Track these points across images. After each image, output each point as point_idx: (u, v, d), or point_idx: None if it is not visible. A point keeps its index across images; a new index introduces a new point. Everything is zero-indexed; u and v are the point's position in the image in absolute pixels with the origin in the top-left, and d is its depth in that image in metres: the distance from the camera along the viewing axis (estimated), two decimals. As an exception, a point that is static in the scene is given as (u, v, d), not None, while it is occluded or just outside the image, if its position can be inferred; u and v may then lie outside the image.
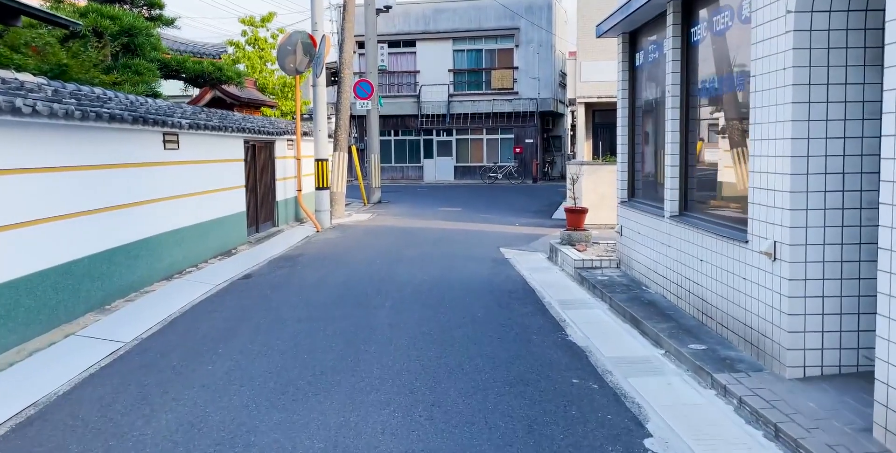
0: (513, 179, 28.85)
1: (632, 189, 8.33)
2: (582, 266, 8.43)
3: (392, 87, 30.73)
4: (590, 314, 6.60)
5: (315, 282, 8.27)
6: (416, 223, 14.53)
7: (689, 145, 6.44)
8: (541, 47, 29.47)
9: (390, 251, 10.66)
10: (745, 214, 5.14)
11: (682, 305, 6.21)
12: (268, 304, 7.10)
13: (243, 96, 14.28)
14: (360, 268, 9.18)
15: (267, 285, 8.13)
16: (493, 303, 7.02)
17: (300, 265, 9.50)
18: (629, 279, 7.71)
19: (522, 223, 14.50)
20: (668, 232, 6.56)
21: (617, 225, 8.48)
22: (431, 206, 18.33)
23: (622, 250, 8.29)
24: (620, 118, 8.38)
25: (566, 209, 9.84)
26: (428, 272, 8.80)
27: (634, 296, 6.88)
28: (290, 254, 10.49)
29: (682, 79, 6.42)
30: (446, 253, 10.44)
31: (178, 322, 6.49)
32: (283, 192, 13.65)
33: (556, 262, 9.47)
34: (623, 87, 8.30)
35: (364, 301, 7.18)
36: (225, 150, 10.44)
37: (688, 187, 6.49)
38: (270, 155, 13.04)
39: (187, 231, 9.04)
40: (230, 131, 10.15)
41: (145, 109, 7.71)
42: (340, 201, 16.11)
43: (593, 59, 16.88)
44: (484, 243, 11.53)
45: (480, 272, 8.82)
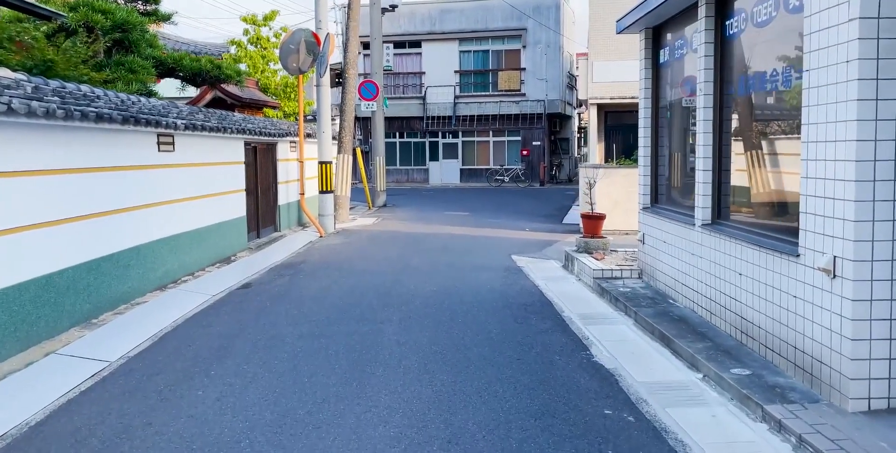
0: (520, 182, 28.35)
1: (655, 194, 7.82)
2: (601, 276, 7.92)
3: (397, 89, 30.28)
4: (614, 330, 6.09)
5: (317, 292, 7.78)
6: (422, 228, 14.04)
7: (723, 148, 5.93)
8: (548, 48, 28.98)
9: (396, 258, 10.17)
10: (792, 223, 4.63)
11: (717, 322, 5.70)
12: (266, 318, 6.61)
13: (245, 97, 13.82)
14: (365, 277, 8.68)
15: (266, 296, 7.65)
16: (509, 318, 6.51)
17: (302, 273, 9.02)
18: (654, 291, 7.20)
19: (533, 228, 14.00)
20: (700, 241, 6.06)
21: (639, 232, 7.97)
22: (438, 210, 17.84)
23: (644, 260, 7.78)
24: (643, 119, 7.87)
25: (583, 215, 9.34)
26: (437, 282, 8.30)
27: (662, 310, 6.37)
28: (291, 262, 10.00)
29: (716, 76, 5.91)
30: (455, 260, 9.94)
31: (168, 338, 6.00)
32: (285, 196, 13.17)
33: (572, 271, 8.96)
34: (645, 86, 7.80)
35: (370, 315, 6.68)
36: (224, 153, 9.97)
37: (721, 193, 5.98)
38: (272, 157, 12.57)
39: (183, 237, 8.56)
40: (229, 132, 9.68)
41: (137, 109, 7.23)
42: (345, 205, 15.63)
43: (605, 59, 16.39)
44: (494, 250, 11.03)
45: (493, 282, 8.31)
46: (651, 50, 7.75)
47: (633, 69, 16.78)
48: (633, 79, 16.96)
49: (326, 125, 13.62)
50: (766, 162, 5.33)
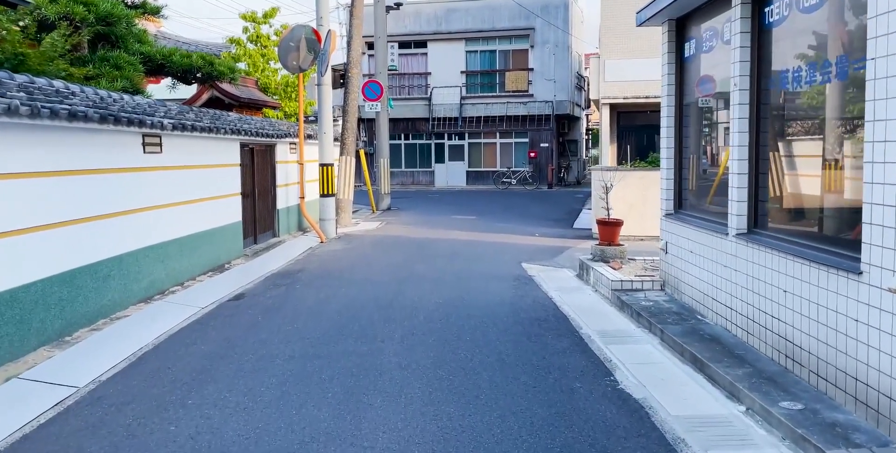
0: (527, 185, 27.76)
1: (678, 200, 7.23)
2: (620, 288, 7.33)
3: (402, 90, 29.75)
4: (639, 351, 5.50)
5: (313, 305, 7.21)
6: (427, 233, 13.47)
7: (760, 149, 5.35)
8: (557, 48, 28.40)
9: (400, 266, 9.60)
10: (847, 235, 4.05)
11: (755, 343, 5.11)
12: (256, 335, 6.04)
13: (243, 96, 13.29)
14: (366, 287, 8.11)
15: (259, 309, 7.08)
16: (522, 336, 5.93)
17: (299, 283, 8.45)
18: (679, 305, 6.60)
19: (543, 233, 13.41)
20: (734, 253, 5.47)
21: (660, 241, 7.38)
22: (444, 214, 17.27)
23: (667, 270, 7.19)
24: (665, 118, 7.28)
25: (598, 221, 8.75)
26: (443, 293, 7.72)
27: (690, 328, 5.77)
28: (289, 270, 9.44)
29: (753, 69, 5.33)
30: (462, 269, 9.36)
31: (147, 359, 5.44)
32: (284, 200, 12.63)
33: (587, 281, 8.37)
34: (668, 83, 7.21)
35: (369, 331, 6.11)
36: (217, 154, 9.42)
37: (758, 199, 5.39)
38: (271, 159, 12.02)
39: (172, 245, 8.02)
40: (223, 133, 9.13)
41: (119, 107, 6.69)
42: (347, 209, 15.08)
43: (618, 57, 15.81)
44: (503, 257, 10.45)
45: (503, 293, 7.73)
46: (674, 43, 7.17)
47: (646, 67, 16.26)
48: (647, 78, 16.43)
49: (328, 126, 13.07)
50: (812, 164, 4.75)
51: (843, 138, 4.35)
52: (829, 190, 4.49)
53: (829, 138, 4.48)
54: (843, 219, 4.34)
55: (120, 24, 7.82)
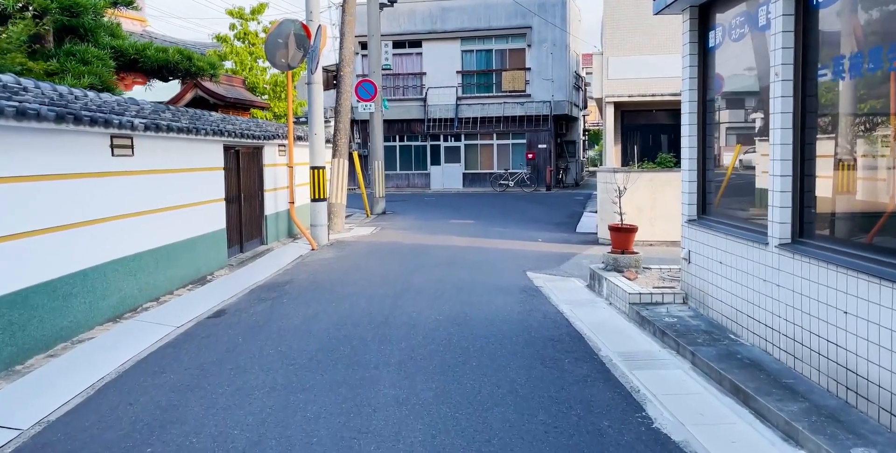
0: (525, 187, 27.12)
1: (702, 204, 6.57)
2: (639, 301, 6.66)
3: (397, 90, 29.08)
4: (669, 378, 4.83)
5: (300, 323, 6.53)
6: (424, 239, 12.79)
7: (806, 147, 4.69)
8: (554, 47, 27.76)
9: (396, 277, 8.92)
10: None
11: (805, 371, 4.45)
12: (235, 361, 5.35)
13: (229, 96, 12.60)
14: (359, 301, 7.43)
15: (240, 328, 6.39)
16: (535, 360, 5.25)
17: (286, 297, 7.76)
18: (707, 322, 5.94)
19: (546, 239, 12.75)
20: (776, 265, 4.81)
21: (682, 249, 6.72)
22: (441, 218, 16.60)
23: (690, 282, 6.53)
24: (687, 114, 6.63)
25: (611, 227, 8.09)
26: (443, 308, 7.04)
27: (725, 350, 5.11)
28: (276, 282, 8.75)
29: (798, 57, 4.68)
30: (463, 279, 8.69)
31: (107, 392, 4.75)
32: (273, 205, 11.94)
33: (600, 293, 7.71)
34: (690, 76, 6.56)
35: (362, 355, 5.43)
36: (198, 157, 8.73)
37: (804, 204, 4.73)
38: (258, 162, 11.33)
39: (146, 257, 7.32)
40: (204, 134, 8.44)
41: (81, 105, 6.00)
42: (340, 213, 14.40)
43: (622, 54, 15.17)
44: (506, 265, 9.78)
45: (509, 308, 7.06)
46: (697, 33, 6.52)
47: (652, 64, 15.65)
48: (653, 75, 15.82)
49: (319, 127, 12.39)
50: (871, 164, 4.10)
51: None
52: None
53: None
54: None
55: (87, 14, 7.14)
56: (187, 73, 8.77)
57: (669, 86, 14.71)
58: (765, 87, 5.16)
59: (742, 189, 5.91)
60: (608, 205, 11.98)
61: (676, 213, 11.83)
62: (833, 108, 4.48)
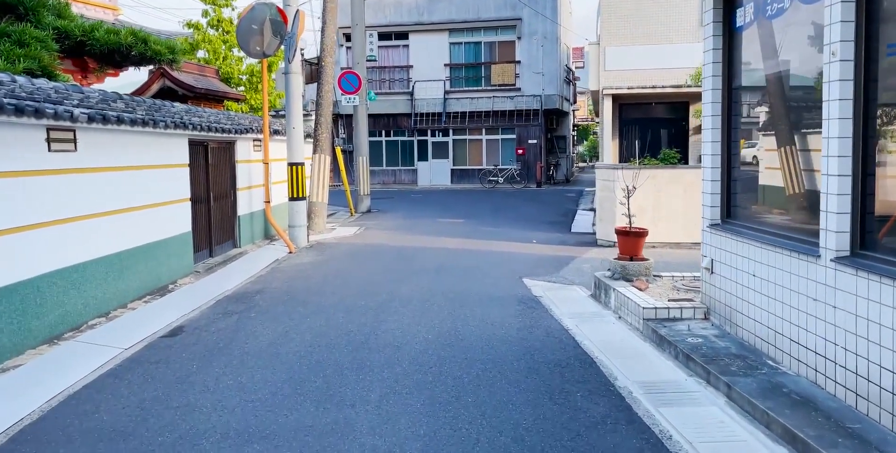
0: (515, 184, 26.30)
1: (727, 206, 5.77)
2: (654, 316, 5.86)
3: (383, 83, 28.16)
4: (704, 418, 4.03)
5: (268, 344, 5.67)
6: (411, 240, 11.94)
7: (869, 141, 3.90)
8: (545, 40, 26.93)
9: (379, 285, 8.07)
10: None
11: (873, 412, 3.65)
12: (184, 396, 4.50)
13: (199, 86, 11.69)
14: (337, 316, 6.58)
15: (197, 350, 5.53)
16: (542, 393, 4.44)
17: (255, 310, 6.90)
18: (737, 344, 5.15)
19: (540, 240, 11.94)
20: (831, 282, 4.01)
21: (703, 258, 5.93)
22: (428, 217, 15.75)
23: (713, 295, 5.74)
24: (709, 104, 5.82)
25: (618, 231, 7.28)
26: (432, 325, 6.21)
27: (767, 382, 4.31)
28: (246, 291, 7.88)
29: (860, 32, 3.88)
30: (454, 288, 7.86)
31: (22, 440, 3.87)
32: (247, 205, 11.05)
33: (606, 305, 6.90)
34: (713, 60, 5.75)
35: (336, 389, 4.58)
36: (158, 153, 7.83)
37: (865, 210, 3.94)
38: (230, 158, 10.43)
39: (93, 266, 6.43)
40: (164, 127, 7.55)
41: (6, 91, 5.10)
42: (321, 213, 13.52)
43: (620, 43, 14.37)
44: (500, 270, 8.96)
45: (507, 323, 6.24)
46: (721, 11, 5.71)
47: (652, 55, 14.87)
48: (653, 66, 15.05)
49: (297, 120, 11.50)
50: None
51: None
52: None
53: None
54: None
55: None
56: (143, 59, 7.86)
57: (671, 77, 13.96)
58: (811, 71, 4.37)
59: (779, 189, 5.12)
60: (608, 204, 11.20)
61: (681, 213, 11.17)
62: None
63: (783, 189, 4.90)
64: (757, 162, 5.50)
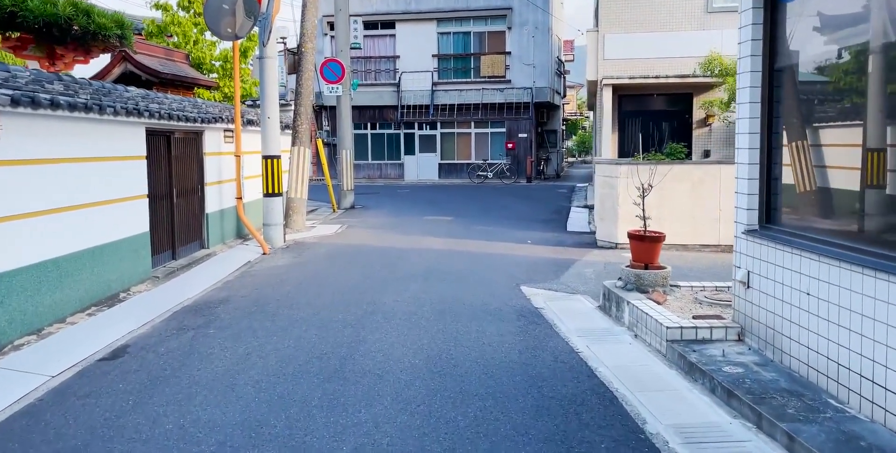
0: (505, 178, 25.44)
1: (768, 209, 4.92)
2: (679, 337, 5.02)
3: (368, 75, 27.16)
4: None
5: (224, 371, 4.76)
6: (397, 240, 11.04)
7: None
8: (536, 30, 26.05)
9: (360, 293, 7.18)
10: None
11: None
12: (107, 447, 3.58)
13: (166, 71, 10.70)
14: (309, 333, 5.68)
15: (139, 379, 4.62)
16: (557, 444, 3.56)
17: (215, 325, 5.98)
18: (785, 375, 4.30)
19: (536, 240, 11.08)
20: (926, 310, 3.17)
21: (737, 269, 5.08)
22: (415, 214, 14.84)
23: (751, 313, 4.90)
24: (746, 90, 4.96)
25: (631, 235, 6.42)
26: (419, 345, 5.32)
27: (837, 431, 3.47)
28: (208, 300, 6.95)
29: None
30: (445, 297, 6.98)
31: None
32: (217, 201, 10.09)
33: (618, 320, 6.05)
34: (752, 37, 4.88)
35: (299, 438, 3.68)
36: (107, 143, 6.88)
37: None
38: (197, 150, 9.47)
39: (21, 275, 5.49)
40: (113, 113, 6.60)
41: None
42: (300, 210, 12.58)
43: (620, 31, 13.51)
44: (495, 276, 8.09)
45: (507, 343, 5.36)
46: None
47: (654, 43, 13.98)
48: (656, 55, 14.20)
49: (272, 109, 10.54)
50: None
51: None
52: None
53: None
54: None
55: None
56: (86, 34, 6.89)
57: (674, 67, 13.12)
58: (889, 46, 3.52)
59: (847, 193, 4.26)
60: (609, 202, 10.36)
61: (688, 213, 10.34)
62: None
63: (855, 192, 4.04)
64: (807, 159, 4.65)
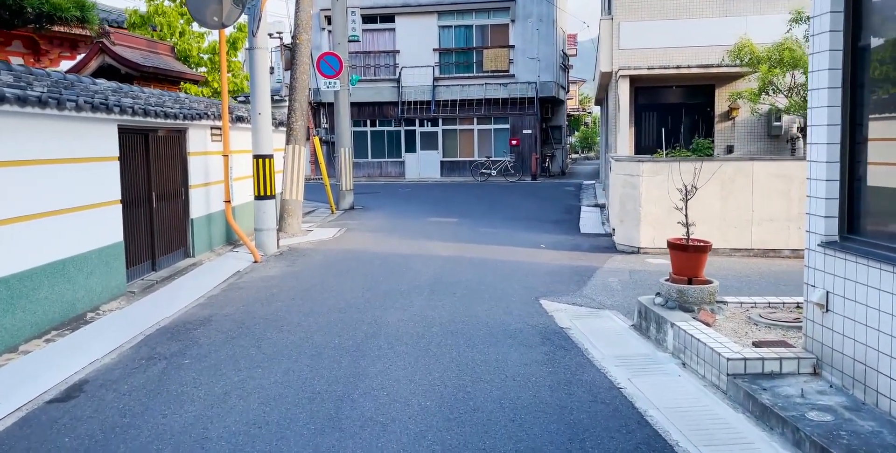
0: (509, 176, 24.59)
1: (850, 216, 4.08)
2: (743, 370, 4.18)
3: (368, 70, 26.31)
4: None
5: (195, 418, 3.93)
6: (399, 245, 10.21)
7: None
8: (541, 23, 25.19)
9: (359, 311, 6.35)
10: None
11: None
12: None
13: (147, 64, 9.85)
14: (300, 364, 4.85)
15: (89, 431, 3.79)
16: (616, 532, 2.74)
17: (191, 353, 5.15)
18: (886, 422, 3.46)
19: (549, 244, 10.26)
20: None
21: (811, 289, 4.24)
22: (418, 215, 14.00)
23: (830, 342, 4.06)
24: (825, 72, 4.11)
25: (671, 244, 5.58)
26: (431, 381, 4.49)
27: None
28: (188, 321, 6.12)
29: None
30: (456, 315, 6.15)
31: None
32: (203, 205, 9.27)
33: (660, 343, 5.22)
34: (832, 8, 4.03)
35: (284, 520, 2.86)
36: (69, 142, 6.05)
37: None
38: (180, 150, 8.64)
39: (-40, 299, 4.66)
40: (75, 109, 5.76)
41: None
42: (296, 212, 11.75)
43: (637, 18, 12.64)
44: (509, 287, 7.27)
45: (533, 378, 4.53)
46: (844, -63, 4.00)
47: (674, 31, 13.09)
48: (675, 44, 13.31)
49: (264, 104, 9.70)
50: None
51: None
52: None
53: None
54: None
55: None
56: (41, 17, 6.06)
57: (696, 56, 12.26)
58: None
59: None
60: (630, 203, 9.53)
61: (717, 214, 9.48)
62: None
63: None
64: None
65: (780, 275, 7.91)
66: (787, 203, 8.96)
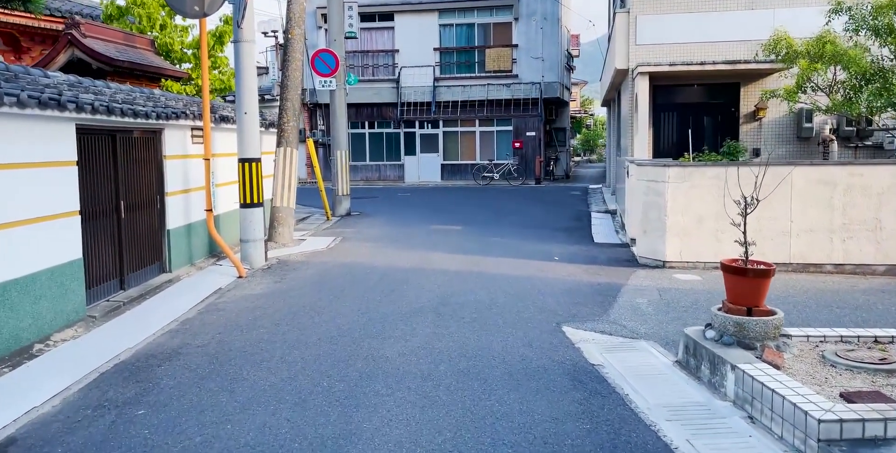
0: (512, 180, 23.72)
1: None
2: (839, 435, 3.29)
3: (366, 70, 25.44)
4: None
5: (137, 504, 3.03)
6: (399, 257, 9.30)
7: None
8: (545, 21, 24.33)
9: (354, 342, 5.44)
10: None
11: None
12: None
13: (122, 59, 8.95)
14: (279, 416, 3.94)
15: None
16: None
17: (149, 400, 4.24)
18: None
19: (563, 256, 9.36)
20: None
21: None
22: (419, 222, 13.09)
23: (954, 401, 3.17)
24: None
25: (726, 267, 4.67)
26: (439, 443, 3.58)
27: None
28: (152, 354, 5.21)
29: None
30: (466, 346, 5.24)
31: None
32: (182, 214, 8.36)
33: (716, 388, 4.31)
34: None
35: None
36: (10, 145, 5.14)
37: None
38: (154, 153, 7.74)
39: None
40: (17, 106, 4.86)
41: None
42: (287, 221, 10.84)
43: (655, 12, 11.77)
44: (525, 309, 6.37)
45: (568, 441, 3.62)
46: None
47: (695, 25, 12.17)
48: (697, 39, 12.37)
49: (250, 102, 8.80)
50: None
51: None
52: None
53: None
54: None
55: None
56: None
57: (719, 51, 11.38)
58: None
59: None
60: (654, 212, 8.64)
61: (751, 224, 8.33)
62: None
63: None
64: None
65: (827, 295, 7.02)
66: (829, 212, 8.08)
